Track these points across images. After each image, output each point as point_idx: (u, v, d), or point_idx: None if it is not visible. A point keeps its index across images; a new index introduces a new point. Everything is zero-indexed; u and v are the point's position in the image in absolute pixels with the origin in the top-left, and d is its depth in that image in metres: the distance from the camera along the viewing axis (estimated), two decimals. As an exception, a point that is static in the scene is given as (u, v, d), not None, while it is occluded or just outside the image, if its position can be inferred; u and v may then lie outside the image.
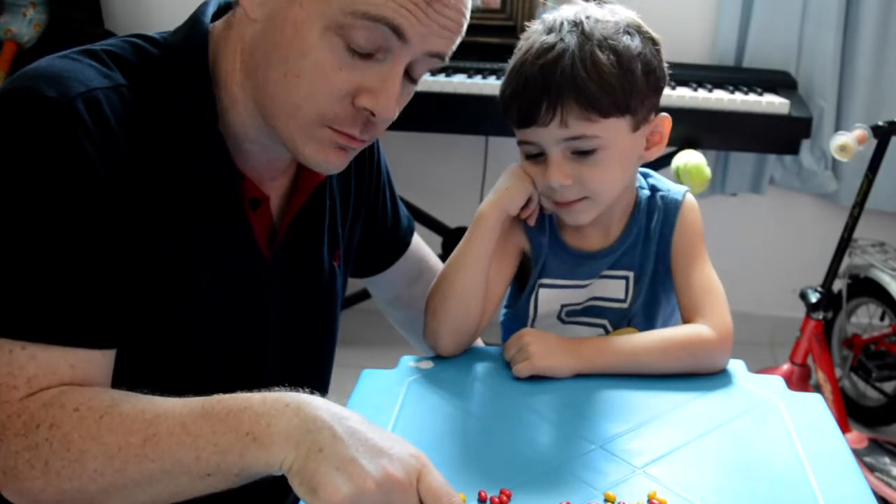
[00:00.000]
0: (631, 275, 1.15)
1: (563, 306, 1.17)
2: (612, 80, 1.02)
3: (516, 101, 1.06)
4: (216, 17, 0.96)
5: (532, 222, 1.15)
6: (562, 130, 1.03)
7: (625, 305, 1.16)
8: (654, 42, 1.09)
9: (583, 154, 1.05)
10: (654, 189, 1.17)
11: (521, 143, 1.09)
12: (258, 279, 1.00)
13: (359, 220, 1.17)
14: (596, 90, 1.02)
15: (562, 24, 1.06)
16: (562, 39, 1.04)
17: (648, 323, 1.16)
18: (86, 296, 0.84)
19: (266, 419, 0.76)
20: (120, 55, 0.90)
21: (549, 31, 1.06)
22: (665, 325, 1.17)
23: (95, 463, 0.78)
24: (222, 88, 0.92)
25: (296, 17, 0.84)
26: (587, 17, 1.05)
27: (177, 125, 0.90)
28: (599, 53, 1.02)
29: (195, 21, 0.94)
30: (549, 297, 1.17)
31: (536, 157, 1.08)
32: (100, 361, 0.86)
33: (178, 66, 0.91)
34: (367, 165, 1.16)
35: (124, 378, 0.91)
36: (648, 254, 1.15)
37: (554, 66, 1.02)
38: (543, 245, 1.16)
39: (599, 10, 1.08)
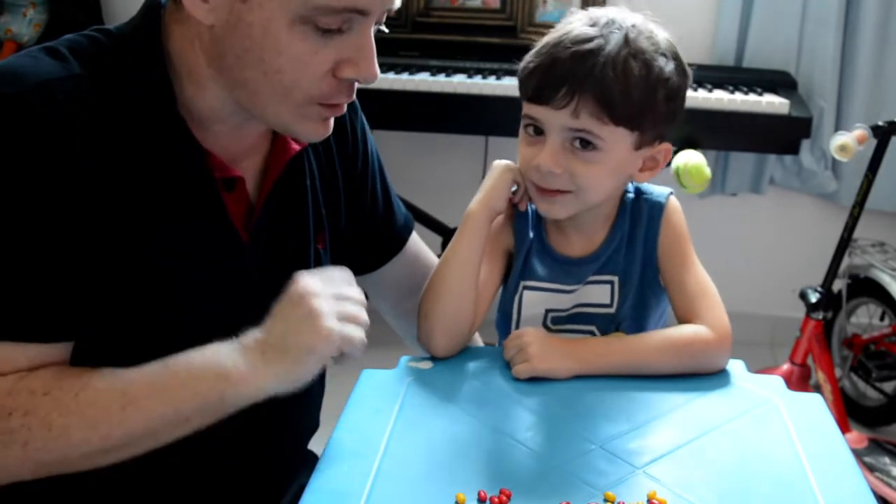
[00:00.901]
0: (616, 279, 1.15)
1: (548, 311, 1.16)
2: (634, 92, 1.03)
3: (537, 75, 1.05)
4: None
5: (523, 207, 1.15)
6: (571, 120, 1.03)
7: (611, 310, 1.15)
8: (685, 73, 1.09)
9: (580, 148, 1.05)
10: (637, 191, 1.16)
11: (525, 116, 1.09)
12: (236, 262, 1.00)
13: (343, 202, 1.15)
14: (617, 95, 1.02)
15: (607, 22, 1.06)
16: (602, 36, 1.04)
17: (638, 328, 1.15)
18: (39, 291, 0.86)
19: (230, 360, 0.88)
20: (76, 48, 0.92)
21: (593, 24, 1.06)
22: (655, 328, 1.17)
23: (80, 434, 0.84)
24: (185, 76, 0.93)
25: (259, 20, 0.85)
26: (633, 26, 1.06)
27: (135, 109, 0.90)
28: (633, 63, 1.03)
29: (147, 7, 0.95)
30: (534, 300, 1.16)
31: (535, 136, 1.08)
32: (56, 355, 0.89)
33: (131, 52, 0.92)
34: (352, 149, 1.15)
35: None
36: (634, 258, 1.14)
37: (585, 57, 1.02)
38: (528, 241, 1.16)
39: (646, 23, 1.08)
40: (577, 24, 1.07)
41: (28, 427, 0.83)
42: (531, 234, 1.16)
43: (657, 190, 1.17)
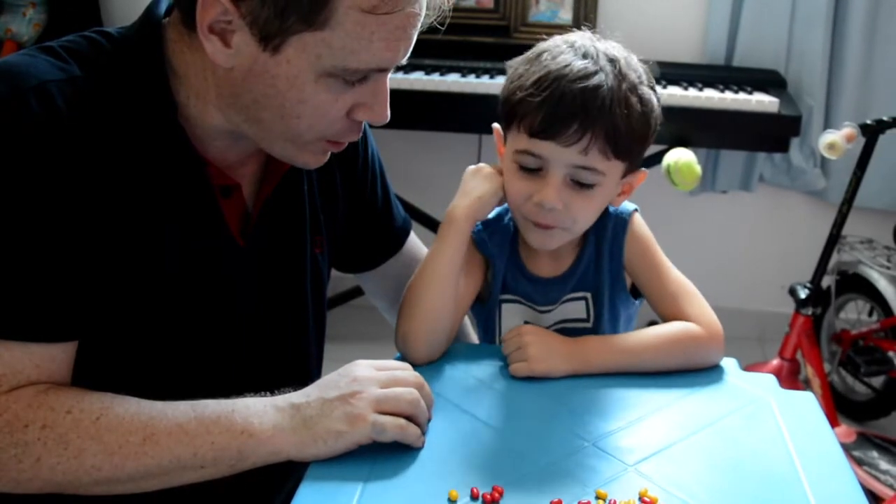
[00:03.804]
0: (589, 296, 1.16)
1: (526, 323, 1.17)
2: (635, 126, 1.04)
3: (544, 110, 1.02)
4: (170, 11, 0.96)
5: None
6: (579, 157, 1.03)
7: (589, 324, 1.16)
8: (660, 102, 1.10)
9: (581, 185, 1.05)
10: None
11: (523, 152, 1.06)
12: (233, 268, 1.00)
13: (341, 204, 1.16)
14: (623, 130, 1.02)
15: (597, 54, 1.04)
16: (601, 70, 1.03)
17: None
18: (42, 291, 0.86)
19: (256, 418, 0.87)
20: (75, 49, 0.91)
21: (585, 56, 1.04)
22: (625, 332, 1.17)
23: (95, 460, 0.84)
24: (191, 95, 0.93)
25: (286, 73, 0.86)
26: (623, 59, 1.05)
27: (134, 115, 0.90)
28: (632, 98, 1.03)
29: (147, 15, 0.95)
30: (512, 311, 1.18)
31: (530, 171, 1.07)
32: (61, 359, 0.89)
33: (132, 58, 0.92)
34: (352, 150, 1.16)
35: (100, 372, 0.92)
36: (602, 273, 1.15)
37: (595, 94, 1.01)
38: (501, 263, 1.17)
39: (628, 54, 1.07)
40: (567, 55, 1.05)
41: (44, 442, 0.83)
42: (504, 255, 1.17)
43: (623, 204, 1.16)
